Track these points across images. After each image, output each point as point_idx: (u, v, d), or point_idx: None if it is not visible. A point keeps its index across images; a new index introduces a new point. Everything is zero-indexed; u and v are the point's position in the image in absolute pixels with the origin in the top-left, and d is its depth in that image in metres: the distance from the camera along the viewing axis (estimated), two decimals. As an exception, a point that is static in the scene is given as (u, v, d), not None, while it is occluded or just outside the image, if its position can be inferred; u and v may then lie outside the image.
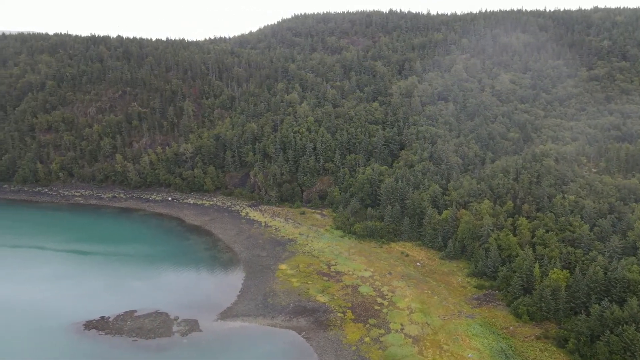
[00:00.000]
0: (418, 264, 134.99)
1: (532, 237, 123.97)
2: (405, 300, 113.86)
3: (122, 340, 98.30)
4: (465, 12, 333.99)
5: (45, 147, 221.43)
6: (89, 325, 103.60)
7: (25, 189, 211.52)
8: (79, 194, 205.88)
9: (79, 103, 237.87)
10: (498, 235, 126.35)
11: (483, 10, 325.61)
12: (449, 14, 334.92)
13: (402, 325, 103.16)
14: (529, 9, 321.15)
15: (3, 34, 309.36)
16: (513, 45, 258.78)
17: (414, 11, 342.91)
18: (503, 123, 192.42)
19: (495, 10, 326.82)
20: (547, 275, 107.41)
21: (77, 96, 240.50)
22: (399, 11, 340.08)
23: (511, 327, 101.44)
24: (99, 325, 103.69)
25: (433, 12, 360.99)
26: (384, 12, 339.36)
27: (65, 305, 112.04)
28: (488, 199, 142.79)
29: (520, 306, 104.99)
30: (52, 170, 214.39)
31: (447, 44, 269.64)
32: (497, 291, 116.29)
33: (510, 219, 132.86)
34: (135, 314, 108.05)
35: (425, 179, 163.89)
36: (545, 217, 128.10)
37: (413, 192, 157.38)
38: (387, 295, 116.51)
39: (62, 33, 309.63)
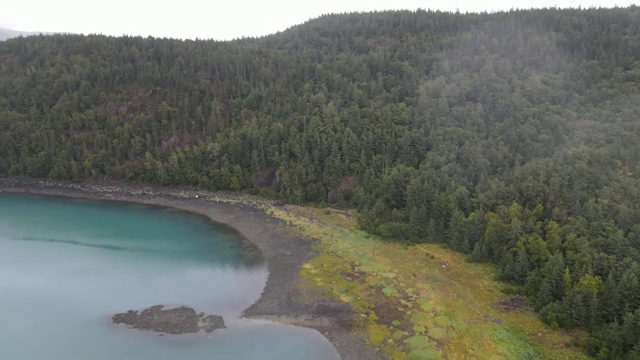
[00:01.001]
0: (443, 266, 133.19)
1: (563, 241, 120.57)
2: (429, 302, 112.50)
3: (149, 334, 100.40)
4: (496, 11, 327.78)
5: (79, 145, 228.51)
6: (118, 318, 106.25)
7: (60, 185, 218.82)
8: (110, 190, 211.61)
9: (111, 102, 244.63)
10: (527, 239, 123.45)
11: (514, 9, 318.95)
12: (478, 13, 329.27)
13: (426, 327, 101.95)
14: (562, 7, 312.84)
15: (41, 35, 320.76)
16: (545, 45, 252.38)
17: (442, 10, 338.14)
18: (533, 124, 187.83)
19: (527, 8, 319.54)
20: (577, 281, 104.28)
21: (109, 95, 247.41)
22: (427, 10, 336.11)
23: (539, 333, 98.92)
24: (127, 318, 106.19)
25: (462, 11, 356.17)
26: (412, 11, 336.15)
27: (96, 298, 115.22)
28: (517, 201, 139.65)
29: (549, 312, 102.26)
30: (85, 167, 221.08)
31: (477, 44, 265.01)
32: (524, 296, 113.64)
33: (540, 222, 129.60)
34: (162, 309, 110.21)
35: (451, 180, 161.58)
36: (576, 221, 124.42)
37: (439, 194, 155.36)
38: (411, 297, 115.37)
39: (96, 34, 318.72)
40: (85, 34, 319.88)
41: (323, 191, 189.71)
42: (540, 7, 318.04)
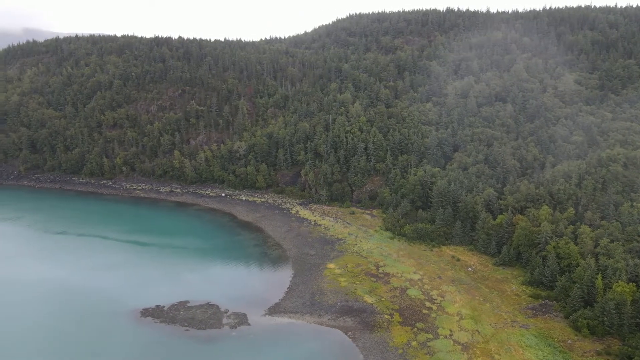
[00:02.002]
0: (469, 269, 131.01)
1: (595, 246, 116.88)
2: (455, 305, 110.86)
3: (175, 329, 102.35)
4: (528, 10, 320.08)
5: (111, 143, 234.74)
6: (146, 312, 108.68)
7: (92, 181, 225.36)
8: (139, 187, 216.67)
9: (142, 101, 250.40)
10: (557, 243, 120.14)
11: (547, 7, 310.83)
12: (510, 12, 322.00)
13: (451, 331, 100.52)
14: (597, 6, 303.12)
15: (76, 36, 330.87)
16: (579, 44, 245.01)
17: (472, 9, 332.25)
18: (566, 125, 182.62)
19: (560, 7, 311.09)
20: (610, 287, 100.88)
21: (140, 95, 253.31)
22: (456, 9, 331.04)
23: (569, 341, 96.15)
24: (155, 313, 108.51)
25: (493, 10, 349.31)
26: (441, 10, 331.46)
27: (125, 292, 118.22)
28: (547, 204, 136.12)
29: (580, 319, 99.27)
30: (116, 164, 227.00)
31: (507, 43, 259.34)
32: (554, 302, 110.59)
33: (571, 226, 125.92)
34: (188, 305, 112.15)
35: (479, 182, 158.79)
36: (610, 225, 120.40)
37: (466, 195, 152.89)
38: (436, 299, 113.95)
39: (129, 35, 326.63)
40: (119, 34, 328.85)
41: (348, 191, 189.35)
42: (574, 5, 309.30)
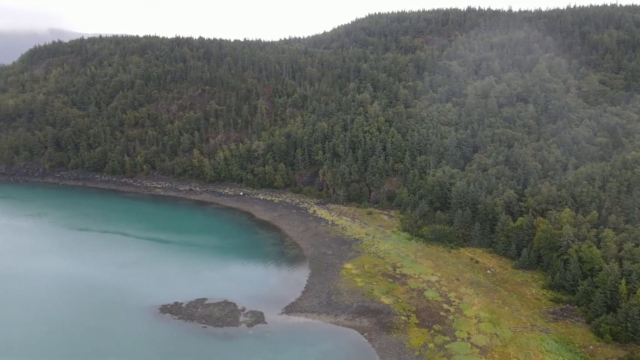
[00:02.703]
0: (488, 271, 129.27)
1: (619, 250, 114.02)
2: (473, 308, 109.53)
3: (193, 325, 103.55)
4: (552, 8, 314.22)
5: (132, 141, 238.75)
6: (164, 309, 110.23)
7: (114, 179, 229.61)
8: (159, 185, 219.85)
9: (162, 101, 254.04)
10: (579, 247, 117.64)
11: (571, 6, 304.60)
12: (532, 11, 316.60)
13: (468, 334, 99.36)
14: (624, 4, 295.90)
15: (100, 36, 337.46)
16: (605, 43, 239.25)
17: (494, 8, 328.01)
18: (590, 127, 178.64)
19: (585, 5, 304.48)
20: (635, 293, 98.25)
21: (161, 94, 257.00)
22: (477, 9, 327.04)
23: (591, 347, 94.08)
24: (173, 309, 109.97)
25: (515, 9, 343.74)
26: (462, 9, 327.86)
27: (144, 288, 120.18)
28: (569, 207, 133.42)
29: (603, 324, 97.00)
30: (137, 162, 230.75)
31: (530, 42, 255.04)
32: (575, 306, 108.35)
33: (594, 230, 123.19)
34: (206, 302, 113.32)
35: (499, 183, 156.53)
36: (635, 229, 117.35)
37: (485, 197, 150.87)
38: (454, 301, 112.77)
39: (151, 35, 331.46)
40: (141, 35, 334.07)
41: (366, 191, 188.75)
42: (599, 4, 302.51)
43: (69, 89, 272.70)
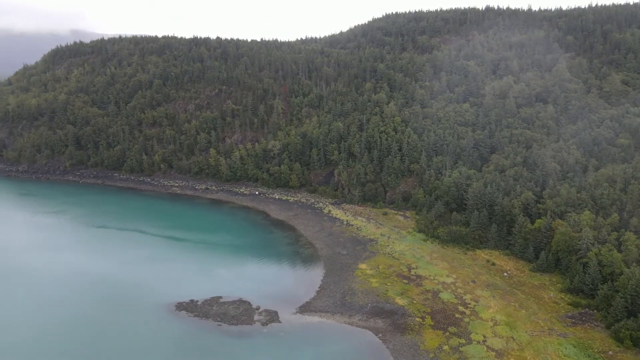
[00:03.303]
0: (505, 274, 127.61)
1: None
2: (489, 311, 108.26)
3: (208, 323, 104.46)
4: (572, 7, 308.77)
5: (150, 140, 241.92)
6: (180, 306, 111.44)
7: (132, 177, 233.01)
8: (176, 184, 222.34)
9: (180, 100, 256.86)
10: (599, 250, 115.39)
11: (593, 5, 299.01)
12: (552, 10, 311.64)
13: (484, 337, 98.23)
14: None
15: (120, 37, 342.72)
16: (627, 42, 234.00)
17: (513, 7, 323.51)
18: (611, 128, 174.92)
19: (607, 4, 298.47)
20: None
21: (179, 94, 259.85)
22: (496, 8, 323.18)
23: (610, 352, 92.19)
24: (189, 307, 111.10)
25: (535, 8, 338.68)
26: (480, 9, 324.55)
27: (161, 285, 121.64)
28: (589, 209, 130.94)
29: (623, 330, 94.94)
30: (154, 161, 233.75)
31: (549, 42, 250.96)
32: (595, 311, 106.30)
33: (615, 233, 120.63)
34: (221, 300, 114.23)
35: (517, 184, 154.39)
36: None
37: (503, 198, 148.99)
38: (469, 304, 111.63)
39: (169, 35, 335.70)
40: (159, 35, 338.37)
41: (381, 192, 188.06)
42: (622, 3, 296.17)
43: (89, 89, 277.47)
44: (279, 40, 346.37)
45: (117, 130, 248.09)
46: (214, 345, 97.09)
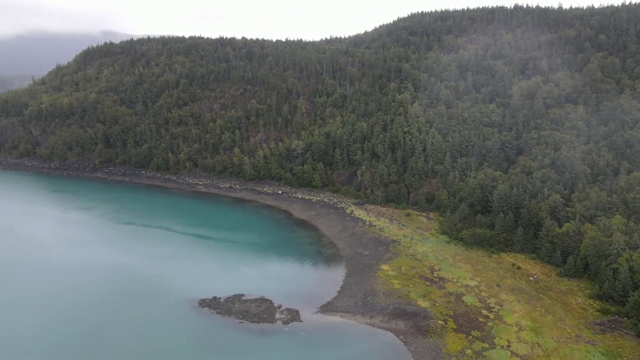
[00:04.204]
0: (531, 278, 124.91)
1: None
2: (514, 315, 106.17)
3: (230, 320, 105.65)
4: (605, 5, 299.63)
5: (176, 139, 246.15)
6: (203, 303, 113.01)
7: (158, 175, 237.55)
8: (201, 182, 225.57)
9: (205, 100, 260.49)
10: (630, 256, 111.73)
11: (627, 3, 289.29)
12: (584, 8, 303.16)
13: (508, 341, 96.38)
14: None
15: (148, 37, 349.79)
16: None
17: (543, 5, 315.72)
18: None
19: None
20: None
21: (204, 93, 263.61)
22: (525, 6, 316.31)
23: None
24: (212, 304, 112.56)
25: (566, 6, 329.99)
26: (509, 7, 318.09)
27: (185, 282, 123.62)
28: (620, 214, 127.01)
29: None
30: (180, 160, 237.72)
31: (581, 41, 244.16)
32: (625, 318, 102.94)
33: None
34: (243, 298, 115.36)
35: (544, 187, 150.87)
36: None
37: (530, 201, 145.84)
38: (493, 308, 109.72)
39: (196, 36, 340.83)
40: (186, 36, 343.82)
41: (404, 193, 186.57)
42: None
43: (118, 88, 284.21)
44: (303, 40, 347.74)
45: (145, 128, 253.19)
46: (236, 342, 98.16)
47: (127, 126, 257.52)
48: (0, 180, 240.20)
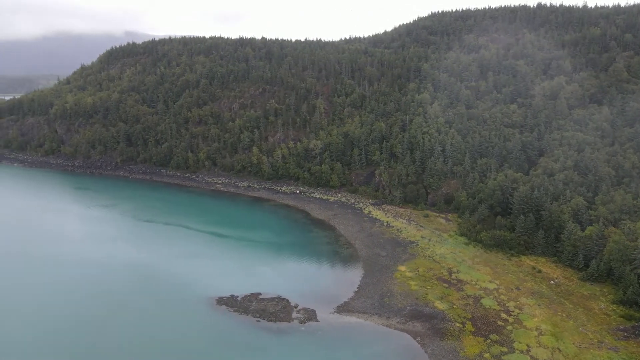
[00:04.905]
0: (552, 282, 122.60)
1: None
2: (533, 319, 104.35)
3: (247, 319, 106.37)
4: (632, 4, 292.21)
5: (196, 138, 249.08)
6: (221, 301, 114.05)
7: (178, 174, 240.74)
8: (219, 181, 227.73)
9: (225, 99, 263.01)
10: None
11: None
12: (610, 7, 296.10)
13: (528, 346, 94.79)
14: None
15: (170, 37, 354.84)
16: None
17: (567, 4, 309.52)
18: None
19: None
20: None
21: (224, 93, 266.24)
22: (548, 5, 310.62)
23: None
24: (229, 302, 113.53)
25: (591, 5, 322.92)
26: (531, 6, 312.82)
27: (202, 280, 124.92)
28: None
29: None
30: (199, 159, 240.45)
31: (606, 40, 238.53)
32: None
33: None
34: (260, 296, 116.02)
35: (567, 189, 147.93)
36: None
37: (551, 204, 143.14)
38: (513, 311, 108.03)
39: (216, 36, 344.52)
40: (207, 36, 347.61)
41: (423, 193, 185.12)
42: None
43: (140, 88, 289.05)
44: (322, 40, 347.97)
45: (165, 128, 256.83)
46: (253, 340, 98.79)
47: (148, 125, 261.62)
48: (27, 178, 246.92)
